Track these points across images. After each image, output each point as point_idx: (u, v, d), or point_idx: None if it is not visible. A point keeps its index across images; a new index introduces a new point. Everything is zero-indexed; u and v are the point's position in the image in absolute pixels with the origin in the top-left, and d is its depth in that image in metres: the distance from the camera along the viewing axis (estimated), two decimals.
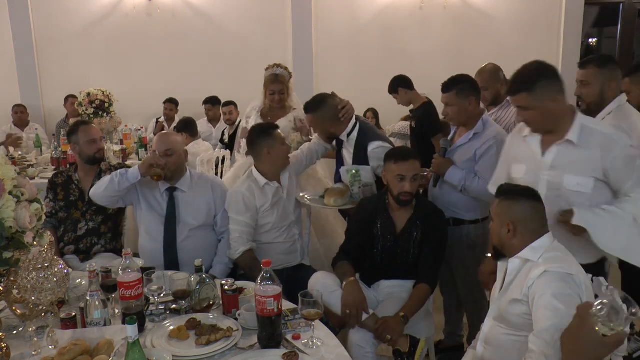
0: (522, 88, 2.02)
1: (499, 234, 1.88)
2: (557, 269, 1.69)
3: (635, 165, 2.01)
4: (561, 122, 2.05)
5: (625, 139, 2.05)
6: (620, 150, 1.99)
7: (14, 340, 1.82)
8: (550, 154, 2.10)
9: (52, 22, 6.75)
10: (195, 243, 2.75)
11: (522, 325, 1.76)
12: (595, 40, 11.01)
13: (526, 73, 2.04)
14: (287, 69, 3.70)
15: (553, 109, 2.02)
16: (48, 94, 6.90)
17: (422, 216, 2.56)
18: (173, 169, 2.75)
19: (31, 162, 4.83)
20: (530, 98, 2.01)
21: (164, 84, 6.77)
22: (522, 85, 2.02)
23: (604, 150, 2.00)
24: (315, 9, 6.81)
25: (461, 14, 6.86)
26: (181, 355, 1.73)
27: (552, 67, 2.06)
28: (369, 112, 6.23)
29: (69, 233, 3.01)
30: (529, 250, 1.82)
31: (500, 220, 1.87)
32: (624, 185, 2.02)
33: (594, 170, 2.02)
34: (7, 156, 4.59)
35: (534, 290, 1.71)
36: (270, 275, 1.75)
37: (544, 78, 2.01)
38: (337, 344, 1.80)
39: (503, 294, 1.88)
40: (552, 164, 2.09)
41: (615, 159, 1.99)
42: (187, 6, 6.84)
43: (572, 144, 2.04)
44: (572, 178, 2.04)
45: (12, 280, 1.71)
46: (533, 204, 1.86)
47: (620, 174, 2.01)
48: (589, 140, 2.03)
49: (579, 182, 2.03)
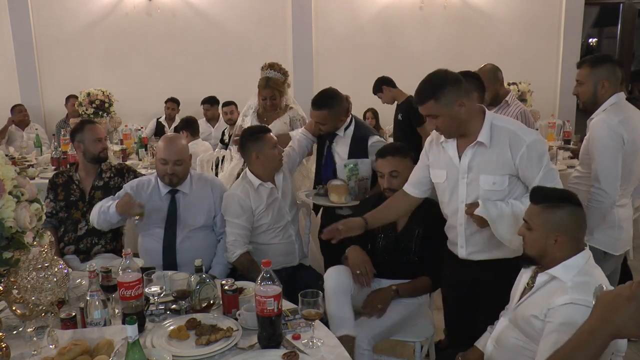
0: (429, 97, 2.05)
1: (543, 245, 1.77)
2: (584, 303, 1.61)
3: (542, 160, 2.04)
4: (471, 124, 2.10)
5: (531, 134, 2.08)
6: (527, 147, 2.03)
7: (14, 340, 1.82)
8: (465, 157, 2.13)
9: (52, 22, 6.76)
10: (194, 244, 2.75)
11: (535, 338, 1.74)
12: (595, 40, 11.02)
13: (430, 82, 2.07)
14: (281, 69, 3.68)
15: (461, 113, 2.05)
16: (48, 94, 6.90)
17: (423, 214, 2.56)
18: (181, 176, 2.76)
19: (31, 162, 4.83)
20: (438, 105, 2.04)
21: (164, 84, 6.77)
22: (428, 94, 2.05)
23: (512, 147, 2.05)
24: (315, 8, 6.81)
25: (461, 14, 6.87)
26: (181, 355, 1.72)
27: (454, 74, 2.10)
28: (369, 112, 6.23)
29: (69, 233, 3.01)
30: (561, 268, 1.73)
31: (546, 230, 1.75)
32: (532, 181, 2.04)
33: (506, 168, 2.07)
34: (7, 156, 4.59)
35: (553, 315, 1.66)
36: (270, 276, 1.75)
37: (448, 84, 2.03)
38: (337, 344, 1.80)
39: (524, 302, 1.83)
40: (469, 167, 2.13)
41: (522, 155, 2.03)
42: (187, 6, 6.85)
43: (484, 145, 2.08)
44: (487, 178, 2.09)
45: (12, 280, 1.71)
46: (577, 209, 1.77)
47: (528, 170, 2.05)
48: (498, 139, 2.07)
49: (494, 181, 2.08)
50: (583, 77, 2.55)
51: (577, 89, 2.59)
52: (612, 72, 2.51)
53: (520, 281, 1.92)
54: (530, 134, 2.08)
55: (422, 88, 2.08)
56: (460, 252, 2.26)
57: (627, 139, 2.41)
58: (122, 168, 3.18)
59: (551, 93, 7.05)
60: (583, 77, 2.55)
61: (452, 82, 2.05)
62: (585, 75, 2.54)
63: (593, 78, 2.51)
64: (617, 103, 2.49)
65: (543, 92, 6.46)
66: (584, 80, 2.54)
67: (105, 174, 3.10)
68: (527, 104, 5.18)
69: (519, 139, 2.05)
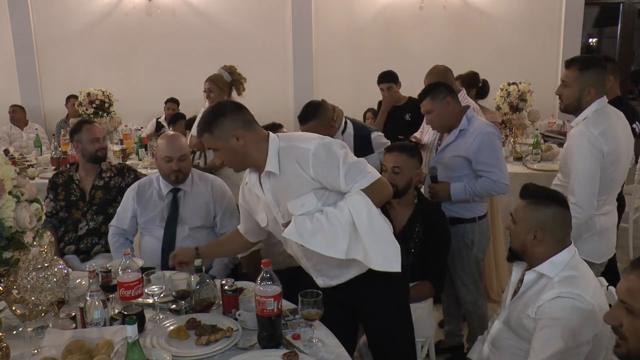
0: (204, 130, 1.89)
1: (523, 240, 1.80)
2: (570, 295, 1.66)
3: (334, 160, 1.84)
4: (254, 156, 1.90)
5: (313, 140, 1.88)
6: (312, 155, 1.83)
7: (14, 340, 1.81)
8: (267, 190, 1.94)
9: (52, 22, 6.76)
10: (194, 243, 2.73)
11: (529, 339, 1.76)
12: (595, 40, 11.03)
13: (206, 115, 1.91)
14: (232, 71, 3.77)
15: (239, 146, 1.87)
16: (48, 94, 6.90)
17: (423, 215, 2.55)
18: (185, 172, 2.76)
19: (31, 162, 4.83)
20: (213, 139, 1.88)
21: (164, 84, 6.77)
22: (204, 128, 1.89)
23: (301, 163, 1.85)
24: (315, 9, 6.81)
25: (461, 14, 6.87)
26: (181, 355, 1.73)
27: (232, 104, 1.96)
28: (369, 112, 6.21)
29: (69, 233, 3.01)
30: (547, 265, 1.76)
31: (527, 225, 1.79)
32: (340, 184, 1.85)
33: (307, 185, 1.86)
34: (7, 156, 4.59)
35: (542, 311, 1.70)
36: (270, 275, 1.75)
37: (221, 116, 1.87)
38: (337, 344, 1.80)
39: (515, 302, 1.86)
40: (274, 199, 1.93)
41: (314, 166, 1.83)
42: (187, 6, 6.85)
43: (275, 174, 1.89)
44: (294, 202, 1.87)
45: (12, 280, 1.71)
46: (562, 210, 1.79)
47: (327, 176, 1.85)
48: (286, 161, 1.88)
49: (302, 204, 1.86)
50: (570, 79, 2.41)
51: (561, 89, 2.46)
52: (600, 78, 2.40)
53: (510, 282, 1.94)
54: (311, 141, 1.87)
55: (200, 123, 1.92)
56: (319, 282, 2.04)
57: (607, 150, 2.32)
58: (122, 168, 3.18)
59: (551, 93, 6.93)
60: (570, 80, 2.42)
61: (225, 113, 1.88)
62: (572, 78, 2.40)
63: (580, 83, 2.38)
64: (599, 110, 2.38)
65: (543, 92, 6.44)
66: (570, 83, 2.41)
67: (105, 173, 3.10)
68: (527, 104, 5.17)
69: (303, 151, 1.85)
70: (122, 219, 2.82)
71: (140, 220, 2.81)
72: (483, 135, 2.64)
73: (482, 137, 2.64)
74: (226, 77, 3.76)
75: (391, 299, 2.05)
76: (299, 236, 1.82)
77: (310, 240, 1.81)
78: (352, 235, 1.81)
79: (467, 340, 3.09)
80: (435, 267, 2.53)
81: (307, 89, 6.66)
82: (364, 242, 1.81)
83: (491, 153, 2.64)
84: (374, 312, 2.08)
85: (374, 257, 1.82)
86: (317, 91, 6.89)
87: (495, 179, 2.64)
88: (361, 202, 1.82)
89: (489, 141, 2.63)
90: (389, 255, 1.85)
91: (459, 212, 2.77)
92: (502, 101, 5.13)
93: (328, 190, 1.88)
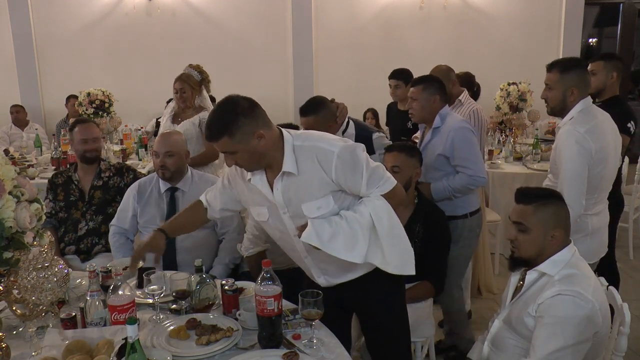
0: (222, 134, 1.72)
1: (542, 243, 1.79)
2: (570, 293, 1.68)
3: (358, 164, 1.79)
4: (272, 155, 1.79)
5: (338, 142, 1.81)
6: (337, 157, 1.76)
7: (14, 340, 1.81)
8: (277, 191, 1.83)
9: (52, 22, 6.76)
10: (194, 243, 2.74)
11: (529, 337, 1.77)
12: (595, 40, 11.02)
13: (221, 116, 1.74)
14: (200, 70, 3.77)
15: (260, 146, 1.74)
16: (48, 94, 6.90)
17: (423, 215, 2.55)
18: (173, 170, 2.74)
19: (31, 162, 4.83)
20: (233, 142, 1.72)
21: (164, 84, 6.69)
22: (221, 130, 1.72)
23: (323, 164, 1.77)
24: (315, 8, 6.82)
25: (461, 14, 6.87)
26: (181, 355, 1.73)
27: (243, 99, 1.77)
28: (369, 112, 6.22)
29: (69, 233, 3.01)
30: (548, 264, 1.79)
31: (544, 228, 1.78)
32: (360, 188, 1.82)
33: (326, 187, 1.80)
34: (7, 156, 4.59)
35: (542, 309, 1.71)
36: (271, 275, 1.75)
37: (241, 116, 1.71)
38: (337, 344, 1.80)
39: (515, 302, 1.87)
40: (285, 200, 1.84)
41: (336, 168, 1.76)
42: (187, 6, 6.85)
43: (292, 174, 1.80)
44: (310, 205, 1.80)
45: (12, 280, 1.71)
46: (563, 204, 1.85)
47: (349, 180, 1.79)
48: (305, 161, 1.79)
49: (319, 206, 1.80)
50: (552, 82, 2.46)
51: (545, 93, 2.50)
52: (582, 78, 2.44)
53: (510, 283, 1.94)
54: (336, 143, 1.80)
55: (212, 124, 1.75)
56: (321, 282, 2.01)
57: (595, 148, 2.34)
58: (121, 167, 3.18)
59: None
60: (552, 83, 2.46)
61: (245, 113, 1.73)
62: (554, 81, 2.45)
63: (563, 84, 2.43)
64: (584, 110, 2.42)
65: None
66: (553, 85, 2.46)
67: (104, 173, 3.10)
68: (527, 104, 5.17)
69: (326, 152, 1.77)
70: (122, 218, 2.82)
71: (140, 220, 2.81)
72: (455, 132, 2.68)
73: (454, 134, 2.68)
74: (196, 75, 3.76)
75: (391, 297, 2.06)
76: (318, 240, 1.75)
77: (329, 244, 1.75)
78: (371, 240, 1.80)
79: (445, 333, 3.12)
80: (435, 267, 2.53)
81: (307, 88, 6.65)
82: (382, 246, 1.81)
83: (464, 148, 2.67)
84: (373, 310, 2.08)
85: (392, 261, 1.83)
86: (317, 91, 6.88)
87: (471, 174, 2.67)
88: (382, 208, 1.82)
89: (462, 137, 2.67)
90: (405, 258, 1.88)
91: (448, 210, 2.74)
92: (502, 101, 5.13)
93: (345, 193, 1.84)
